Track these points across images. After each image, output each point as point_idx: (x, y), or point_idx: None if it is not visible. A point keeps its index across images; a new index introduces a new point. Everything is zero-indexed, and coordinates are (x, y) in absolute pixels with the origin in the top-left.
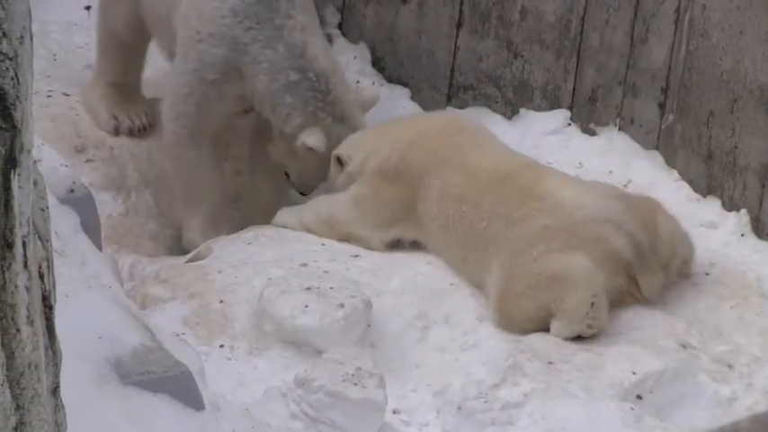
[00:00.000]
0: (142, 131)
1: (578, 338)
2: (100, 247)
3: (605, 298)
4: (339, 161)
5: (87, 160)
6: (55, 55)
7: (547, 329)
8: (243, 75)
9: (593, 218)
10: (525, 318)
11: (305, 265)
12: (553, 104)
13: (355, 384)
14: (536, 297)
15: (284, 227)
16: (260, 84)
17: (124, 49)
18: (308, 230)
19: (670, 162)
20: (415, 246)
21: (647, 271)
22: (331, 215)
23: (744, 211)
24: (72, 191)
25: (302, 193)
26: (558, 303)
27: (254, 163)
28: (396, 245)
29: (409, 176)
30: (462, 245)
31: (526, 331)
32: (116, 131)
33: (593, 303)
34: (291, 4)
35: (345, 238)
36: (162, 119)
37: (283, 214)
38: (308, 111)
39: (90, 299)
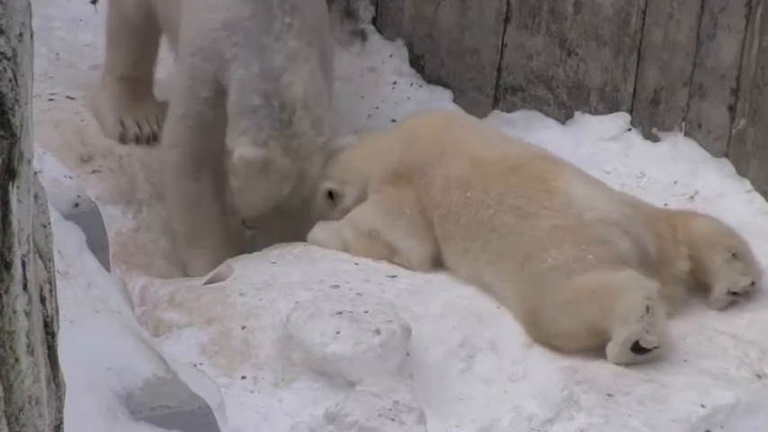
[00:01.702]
0: (150, 140)
1: (639, 367)
2: (108, 268)
3: (662, 307)
4: (331, 195)
5: (94, 171)
6: (58, 54)
7: (588, 351)
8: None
9: (600, 220)
10: (562, 334)
11: (336, 286)
12: (611, 107)
13: (393, 420)
14: (577, 314)
15: (321, 245)
16: (229, 104)
17: (136, 38)
18: (348, 247)
19: (741, 171)
20: None
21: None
22: (371, 227)
23: None
24: (77, 205)
25: (249, 227)
26: (607, 316)
27: None
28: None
29: (410, 175)
30: (464, 234)
31: (564, 348)
32: (122, 139)
33: (648, 307)
34: (287, 26)
35: (388, 252)
36: (161, 147)
37: (320, 231)
38: (260, 136)
39: (97, 325)
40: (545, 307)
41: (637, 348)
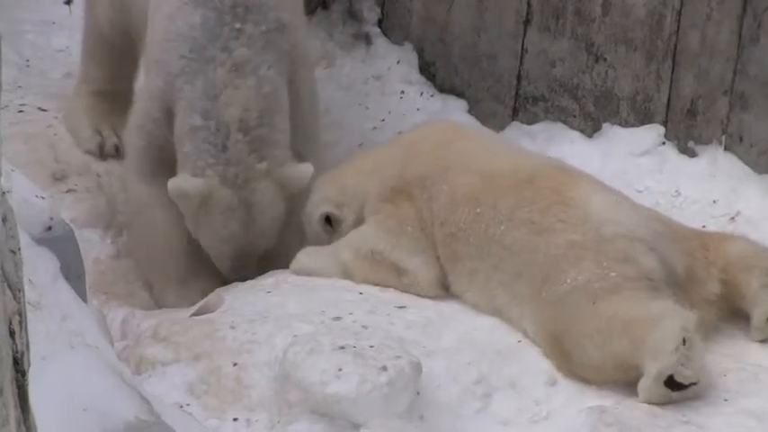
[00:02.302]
0: None
1: (674, 406)
2: (84, 298)
3: (700, 341)
4: (328, 220)
5: (69, 190)
6: (28, 61)
7: (618, 389)
8: None
9: (623, 235)
10: (588, 364)
11: (338, 318)
12: (643, 119)
13: None
14: (606, 344)
15: (311, 274)
16: (175, 125)
17: (112, 54)
18: (349, 272)
19: None
20: None
21: (681, 300)
22: (373, 248)
23: None
24: (50, 228)
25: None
26: (639, 350)
27: None
28: (445, 291)
29: (410, 190)
30: (474, 253)
31: (591, 379)
32: (100, 150)
33: (684, 339)
34: (237, 33)
35: (394, 274)
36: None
37: (309, 258)
38: (199, 164)
39: (72, 362)
40: (571, 332)
41: (671, 384)
